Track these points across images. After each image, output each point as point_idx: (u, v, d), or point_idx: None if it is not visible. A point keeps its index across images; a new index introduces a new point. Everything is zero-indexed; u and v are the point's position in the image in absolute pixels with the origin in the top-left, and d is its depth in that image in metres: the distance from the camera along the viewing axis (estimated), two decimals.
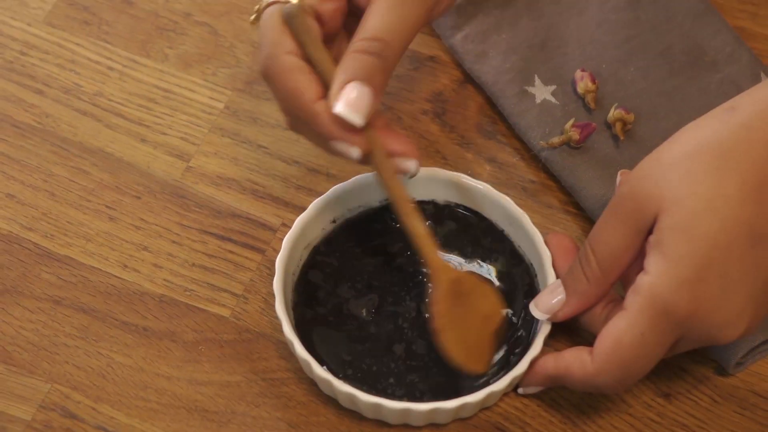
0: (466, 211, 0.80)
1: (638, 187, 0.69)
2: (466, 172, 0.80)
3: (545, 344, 0.74)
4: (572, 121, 0.82)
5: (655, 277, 0.67)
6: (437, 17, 0.77)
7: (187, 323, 0.78)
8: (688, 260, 0.67)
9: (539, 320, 0.74)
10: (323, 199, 0.78)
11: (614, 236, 0.70)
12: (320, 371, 0.73)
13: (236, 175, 0.83)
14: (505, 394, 0.75)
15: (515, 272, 0.78)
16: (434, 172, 0.79)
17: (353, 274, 0.78)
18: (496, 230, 0.79)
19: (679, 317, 0.67)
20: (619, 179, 0.75)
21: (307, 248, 0.78)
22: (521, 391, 0.75)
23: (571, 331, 0.76)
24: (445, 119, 0.85)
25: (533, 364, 0.73)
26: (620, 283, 0.72)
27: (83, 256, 0.80)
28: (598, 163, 0.82)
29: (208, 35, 0.89)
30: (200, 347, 0.77)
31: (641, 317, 0.68)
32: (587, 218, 0.81)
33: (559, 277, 0.75)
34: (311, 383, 0.76)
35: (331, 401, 0.75)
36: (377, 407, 0.73)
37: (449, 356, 0.74)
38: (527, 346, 0.74)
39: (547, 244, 0.76)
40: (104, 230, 0.81)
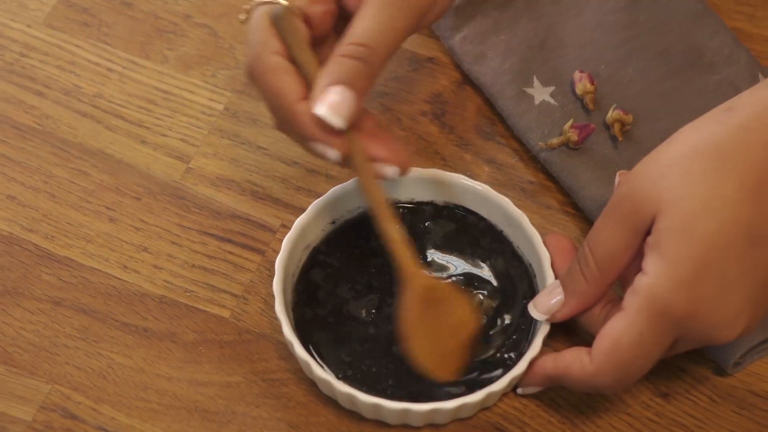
0: (465, 211, 0.80)
1: (636, 187, 0.69)
2: (465, 173, 0.80)
3: (544, 344, 0.74)
4: (571, 122, 0.82)
5: (653, 277, 0.67)
6: (430, 23, 0.77)
7: (187, 324, 0.78)
8: (686, 261, 0.67)
9: (538, 321, 0.74)
10: (323, 200, 0.78)
11: (612, 237, 0.70)
12: (320, 372, 0.73)
13: (236, 176, 0.83)
14: (504, 394, 0.75)
15: (514, 273, 0.78)
16: (433, 173, 0.79)
17: (353, 275, 0.78)
18: (495, 231, 0.79)
19: (677, 318, 0.67)
20: (617, 180, 0.75)
21: (306, 249, 0.78)
22: (520, 391, 0.75)
23: (569, 331, 0.76)
24: (444, 120, 0.86)
25: (532, 364, 0.73)
26: (619, 283, 0.72)
27: (83, 257, 0.81)
28: (596, 164, 0.82)
29: (207, 37, 0.89)
30: (200, 348, 0.78)
31: (640, 318, 0.68)
32: (586, 219, 0.81)
33: (557, 277, 0.75)
34: (311, 384, 0.76)
35: (330, 402, 0.76)
36: (377, 407, 0.73)
37: (416, 362, 0.73)
38: (526, 346, 0.74)
39: (545, 244, 0.76)
40: (104, 231, 0.81)
